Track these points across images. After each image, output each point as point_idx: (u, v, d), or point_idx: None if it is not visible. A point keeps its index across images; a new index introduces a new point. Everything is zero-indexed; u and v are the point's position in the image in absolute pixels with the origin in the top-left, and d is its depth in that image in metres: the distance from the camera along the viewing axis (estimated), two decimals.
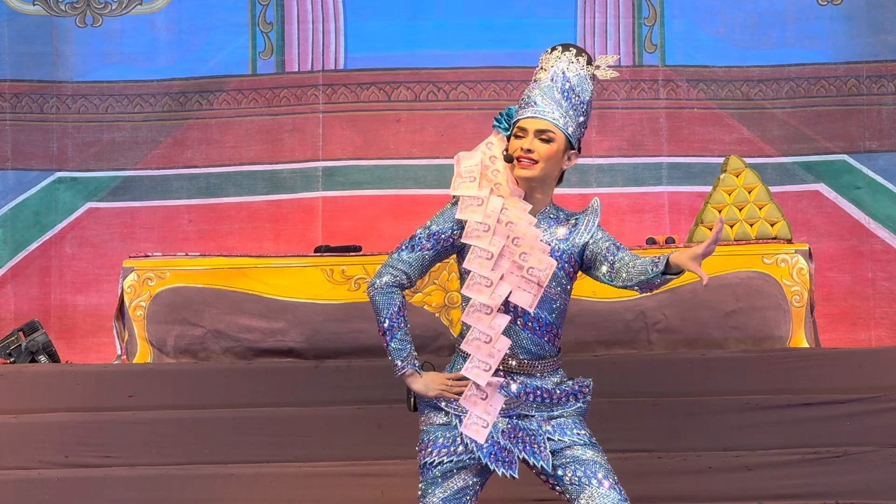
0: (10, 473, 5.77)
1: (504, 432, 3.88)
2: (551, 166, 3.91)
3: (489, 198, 3.89)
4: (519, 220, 3.89)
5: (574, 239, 3.94)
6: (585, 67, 3.96)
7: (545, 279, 3.85)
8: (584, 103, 3.95)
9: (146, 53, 8.36)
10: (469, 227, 3.88)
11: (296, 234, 8.13)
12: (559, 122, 3.90)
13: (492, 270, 3.85)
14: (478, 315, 3.86)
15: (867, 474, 5.56)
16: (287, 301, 6.60)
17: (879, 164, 8.04)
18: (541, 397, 3.92)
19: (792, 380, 5.99)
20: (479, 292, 3.85)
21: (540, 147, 3.89)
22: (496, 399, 3.88)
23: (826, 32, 8.13)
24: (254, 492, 5.64)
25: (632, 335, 6.51)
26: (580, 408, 3.98)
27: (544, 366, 3.95)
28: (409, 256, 3.94)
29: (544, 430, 3.91)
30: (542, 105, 3.90)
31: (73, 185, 8.28)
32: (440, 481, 3.90)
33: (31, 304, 8.17)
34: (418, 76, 8.24)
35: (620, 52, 8.24)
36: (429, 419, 3.96)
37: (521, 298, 3.85)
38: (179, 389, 6.14)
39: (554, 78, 3.94)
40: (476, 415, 3.87)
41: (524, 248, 3.87)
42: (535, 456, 3.87)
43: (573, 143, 3.95)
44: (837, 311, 7.88)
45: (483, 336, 3.86)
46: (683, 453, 5.68)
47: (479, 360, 3.86)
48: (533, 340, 3.92)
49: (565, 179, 4.09)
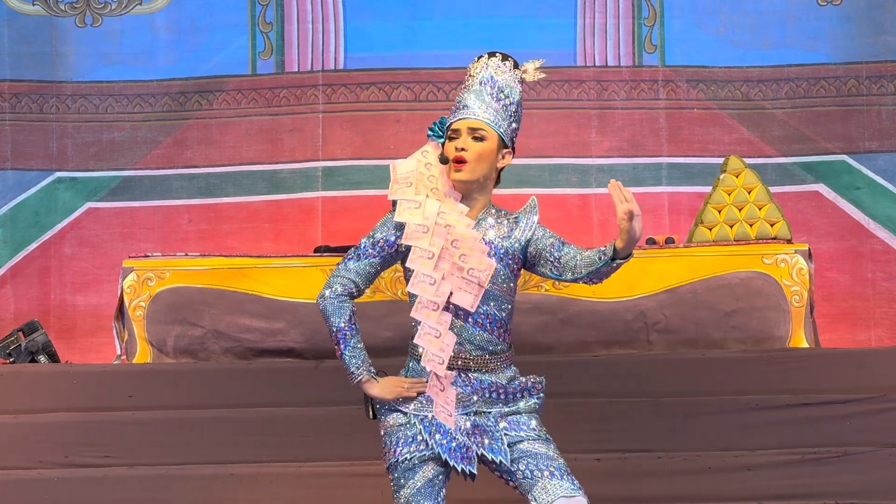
0: (10, 473, 5.77)
1: (463, 430, 3.97)
2: (485, 165, 4.02)
3: (426, 201, 4.01)
4: (457, 223, 3.99)
5: (516, 236, 4.04)
6: (512, 70, 4.10)
7: (485, 280, 3.94)
8: (513, 104, 4.08)
9: (146, 53, 8.36)
10: (408, 229, 3.99)
11: (296, 234, 8.13)
12: (490, 121, 4.02)
13: (434, 270, 3.96)
14: (426, 311, 3.96)
15: (867, 474, 5.56)
16: (287, 301, 6.60)
17: (879, 165, 8.04)
18: (496, 392, 4.01)
19: (792, 380, 5.99)
20: (423, 290, 3.96)
21: (473, 145, 4.00)
22: (450, 392, 3.98)
23: (826, 32, 8.14)
24: (254, 492, 5.64)
25: (631, 335, 6.51)
26: (535, 404, 4.06)
27: (497, 361, 4.03)
28: (355, 266, 4.04)
29: (501, 427, 3.99)
30: (473, 106, 4.04)
31: (73, 185, 8.28)
32: (409, 475, 3.98)
33: (31, 304, 8.18)
34: (418, 76, 8.24)
35: (620, 52, 8.25)
36: (388, 423, 4.04)
37: (462, 299, 3.95)
38: (179, 389, 6.14)
39: (483, 82, 4.07)
40: (440, 403, 3.98)
41: (463, 249, 3.96)
42: (493, 451, 3.94)
43: (507, 142, 4.06)
44: (837, 312, 7.89)
45: (432, 331, 3.96)
46: (683, 453, 5.68)
47: (432, 354, 3.97)
48: (484, 337, 4.00)
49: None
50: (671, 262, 6.59)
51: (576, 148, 8.14)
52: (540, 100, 8.15)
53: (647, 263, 6.57)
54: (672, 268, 6.57)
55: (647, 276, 6.54)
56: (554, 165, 8.08)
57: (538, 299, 6.45)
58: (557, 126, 8.17)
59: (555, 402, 5.88)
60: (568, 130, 8.17)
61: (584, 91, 8.22)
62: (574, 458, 5.63)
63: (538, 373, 4.10)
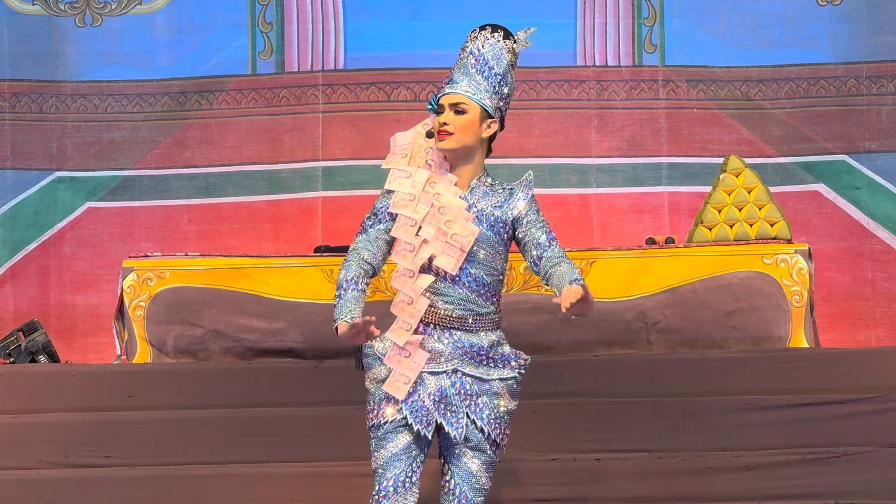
0: (10, 473, 5.77)
1: (430, 394, 4.06)
2: (468, 136, 4.16)
3: (416, 171, 4.17)
4: (446, 191, 4.13)
5: (507, 207, 4.16)
6: (500, 42, 4.28)
7: (467, 245, 4.07)
8: (499, 74, 4.23)
9: (146, 53, 8.36)
10: (396, 197, 4.14)
11: (296, 234, 8.13)
12: (470, 93, 4.18)
13: (416, 236, 4.09)
14: (403, 279, 4.08)
15: (867, 474, 5.56)
16: (287, 301, 6.60)
17: (879, 165, 8.04)
18: (476, 354, 4.09)
19: (792, 380, 5.99)
20: (403, 258, 4.09)
21: (455, 119, 4.16)
22: (419, 355, 4.06)
23: (826, 32, 8.14)
24: (254, 492, 5.64)
25: (632, 335, 6.51)
26: (511, 379, 4.13)
27: (481, 322, 4.12)
28: (363, 238, 4.17)
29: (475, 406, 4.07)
30: (456, 80, 4.24)
31: (73, 185, 8.28)
32: (390, 438, 4.07)
33: (31, 303, 8.17)
34: (418, 76, 8.24)
35: (620, 52, 8.25)
36: (373, 375, 4.12)
37: (444, 262, 4.07)
38: (179, 389, 6.13)
39: (469, 54, 4.28)
40: (399, 372, 4.05)
41: (449, 216, 4.09)
42: (451, 425, 4.04)
43: (491, 112, 4.19)
44: (837, 312, 7.89)
45: (406, 298, 4.07)
46: (683, 453, 5.68)
47: (401, 321, 4.07)
48: (468, 297, 4.10)
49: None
50: (671, 262, 6.59)
51: (576, 148, 8.14)
52: (540, 100, 8.16)
53: (647, 263, 6.57)
54: (672, 268, 6.57)
55: (647, 276, 6.55)
56: (554, 165, 8.08)
57: (538, 299, 6.44)
58: (557, 126, 8.17)
59: (555, 402, 5.90)
60: (568, 130, 8.17)
61: (584, 91, 8.22)
62: (574, 458, 5.65)
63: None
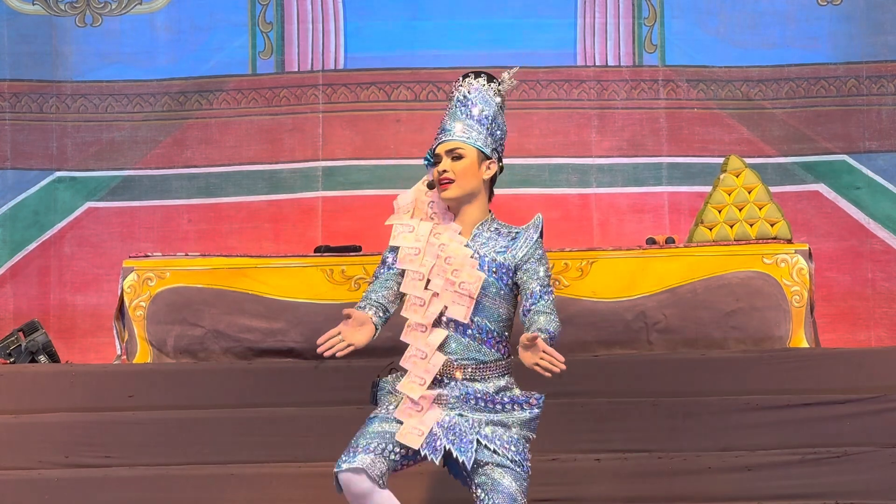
0: (10, 473, 5.77)
1: (440, 423, 4.08)
2: (470, 181, 4.21)
3: (419, 224, 4.23)
4: (450, 241, 4.19)
5: (512, 251, 4.20)
6: (486, 85, 4.30)
7: (475, 291, 4.11)
8: (489, 117, 4.26)
9: (146, 53, 8.36)
10: (401, 252, 4.21)
11: (296, 234, 8.13)
12: (464, 138, 4.21)
13: (425, 290, 4.15)
14: (414, 334, 4.14)
15: (867, 474, 5.56)
16: (287, 301, 6.60)
17: (879, 165, 8.04)
18: (482, 401, 4.12)
19: (792, 380, 5.99)
20: (414, 312, 4.15)
21: (454, 166, 4.20)
22: (432, 412, 4.09)
23: (826, 32, 8.14)
24: (254, 492, 5.64)
25: (632, 335, 6.51)
26: (524, 418, 4.14)
27: (487, 371, 4.16)
28: (374, 286, 4.25)
29: (483, 434, 4.09)
30: (448, 128, 4.25)
31: (73, 185, 8.28)
32: (369, 423, 4.15)
33: (31, 303, 8.17)
34: (418, 76, 8.24)
35: (620, 51, 8.25)
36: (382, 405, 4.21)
37: (455, 312, 4.13)
38: (179, 389, 6.13)
39: (458, 102, 4.29)
40: (412, 425, 4.09)
41: (455, 265, 4.14)
42: (459, 450, 4.05)
43: (488, 154, 4.23)
44: (837, 312, 7.89)
45: (419, 353, 4.11)
46: (683, 453, 5.68)
47: (415, 375, 4.11)
48: (474, 347, 4.15)
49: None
50: (671, 262, 6.59)
51: (576, 148, 8.14)
52: (540, 100, 8.15)
53: (647, 263, 6.57)
54: (672, 268, 6.57)
55: (647, 276, 6.55)
56: (554, 165, 8.08)
57: None
58: (557, 126, 8.17)
59: (555, 402, 5.88)
60: (568, 130, 8.17)
61: (584, 91, 8.22)
62: (574, 458, 5.66)
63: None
